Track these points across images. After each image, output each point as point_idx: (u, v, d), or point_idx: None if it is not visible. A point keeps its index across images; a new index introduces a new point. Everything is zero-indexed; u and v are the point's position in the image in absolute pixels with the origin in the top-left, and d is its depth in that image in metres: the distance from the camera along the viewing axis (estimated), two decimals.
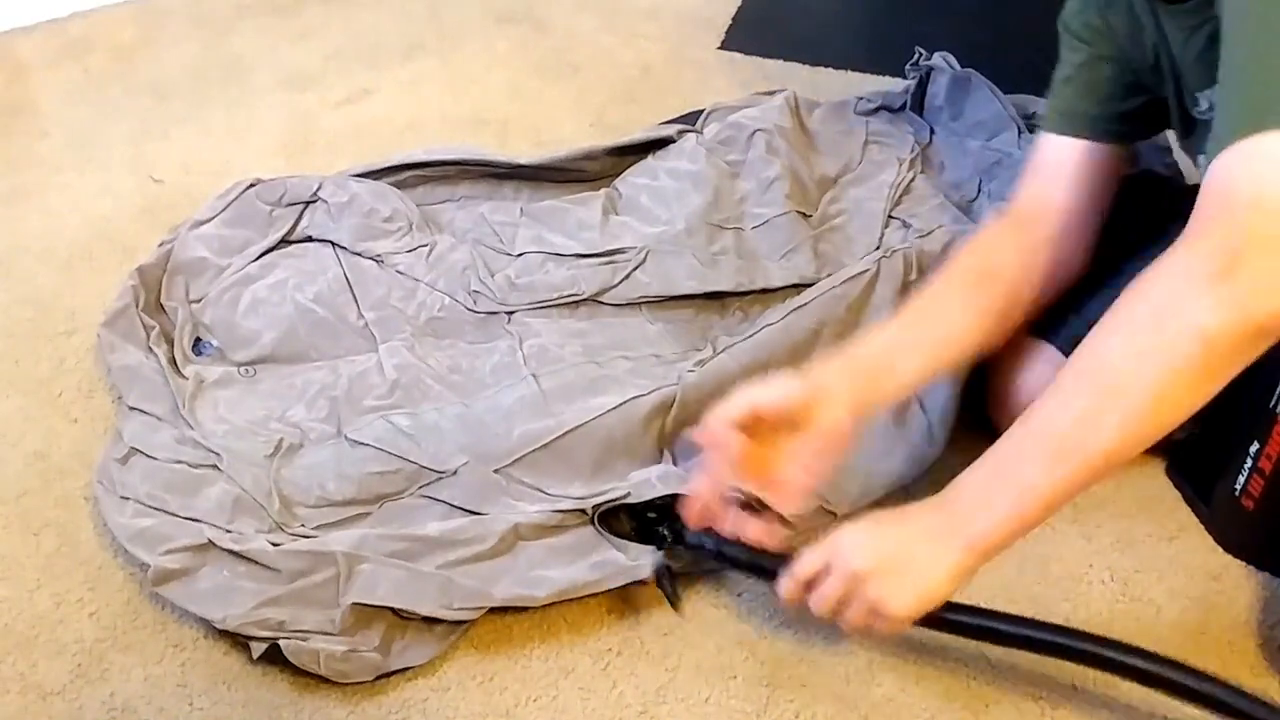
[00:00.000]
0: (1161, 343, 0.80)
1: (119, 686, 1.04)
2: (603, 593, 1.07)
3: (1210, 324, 0.78)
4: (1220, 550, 1.12)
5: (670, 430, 1.18)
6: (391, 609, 1.04)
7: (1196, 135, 1.07)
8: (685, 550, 1.06)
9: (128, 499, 1.14)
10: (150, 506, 1.13)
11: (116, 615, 1.10)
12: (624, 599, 1.09)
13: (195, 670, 1.05)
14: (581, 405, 1.20)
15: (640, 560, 1.07)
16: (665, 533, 1.07)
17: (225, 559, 1.07)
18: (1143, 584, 1.10)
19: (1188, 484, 1.17)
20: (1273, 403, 0.99)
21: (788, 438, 0.99)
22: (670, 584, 1.05)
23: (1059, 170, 1.16)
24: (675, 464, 1.16)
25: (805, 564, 0.94)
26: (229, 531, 1.10)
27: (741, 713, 1.01)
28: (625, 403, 1.17)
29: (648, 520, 1.09)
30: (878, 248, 1.38)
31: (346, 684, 1.02)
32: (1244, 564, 1.10)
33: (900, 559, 0.90)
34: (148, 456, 1.18)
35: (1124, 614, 1.08)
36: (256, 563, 1.06)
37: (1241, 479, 1.05)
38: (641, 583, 1.08)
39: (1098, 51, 1.14)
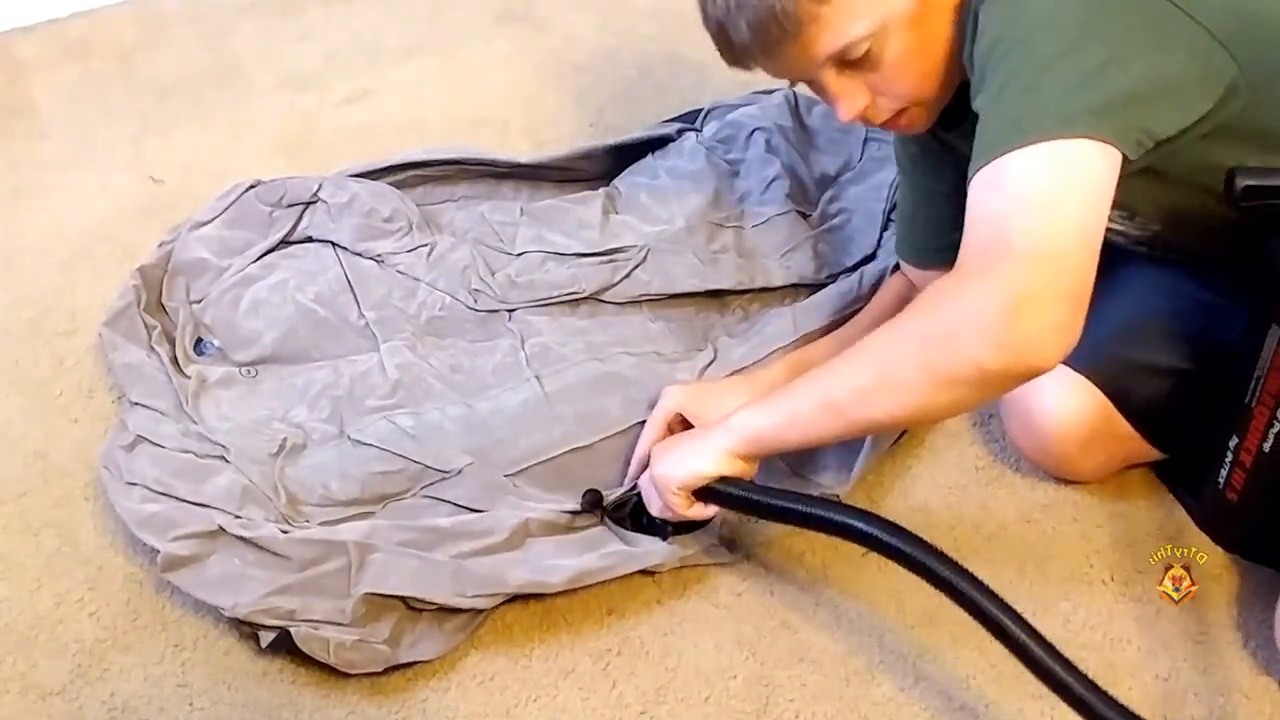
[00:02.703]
0: (943, 364, 0.88)
1: (119, 686, 1.04)
2: (606, 590, 1.08)
3: (988, 362, 0.86)
4: (1221, 551, 1.12)
5: None
6: (403, 601, 1.04)
7: None
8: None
9: (135, 484, 1.14)
10: (158, 492, 1.13)
11: (116, 615, 1.10)
12: (624, 599, 1.09)
13: (195, 670, 1.05)
14: (585, 407, 1.20)
15: (649, 550, 1.08)
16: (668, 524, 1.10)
17: (235, 546, 1.07)
18: (1143, 584, 1.10)
19: (1176, 480, 1.17)
20: (1247, 398, 1.00)
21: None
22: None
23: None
24: None
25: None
26: (239, 518, 1.10)
27: (741, 713, 1.01)
28: (631, 427, 1.18)
29: (650, 519, 1.11)
30: (876, 248, 1.38)
31: (349, 683, 1.03)
32: (1245, 566, 1.10)
33: (679, 448, 1.06)
34: (154, 444, 1.18)
35: (1124, 614, 1.08)
36: (267, 550, 1.07)
37: (1224, 473, 1.05)
38: (649, 574, 1.09)
39: (931, 185, 1.18)
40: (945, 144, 1.12)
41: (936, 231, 1.19)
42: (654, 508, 1.08)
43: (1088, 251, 0.86)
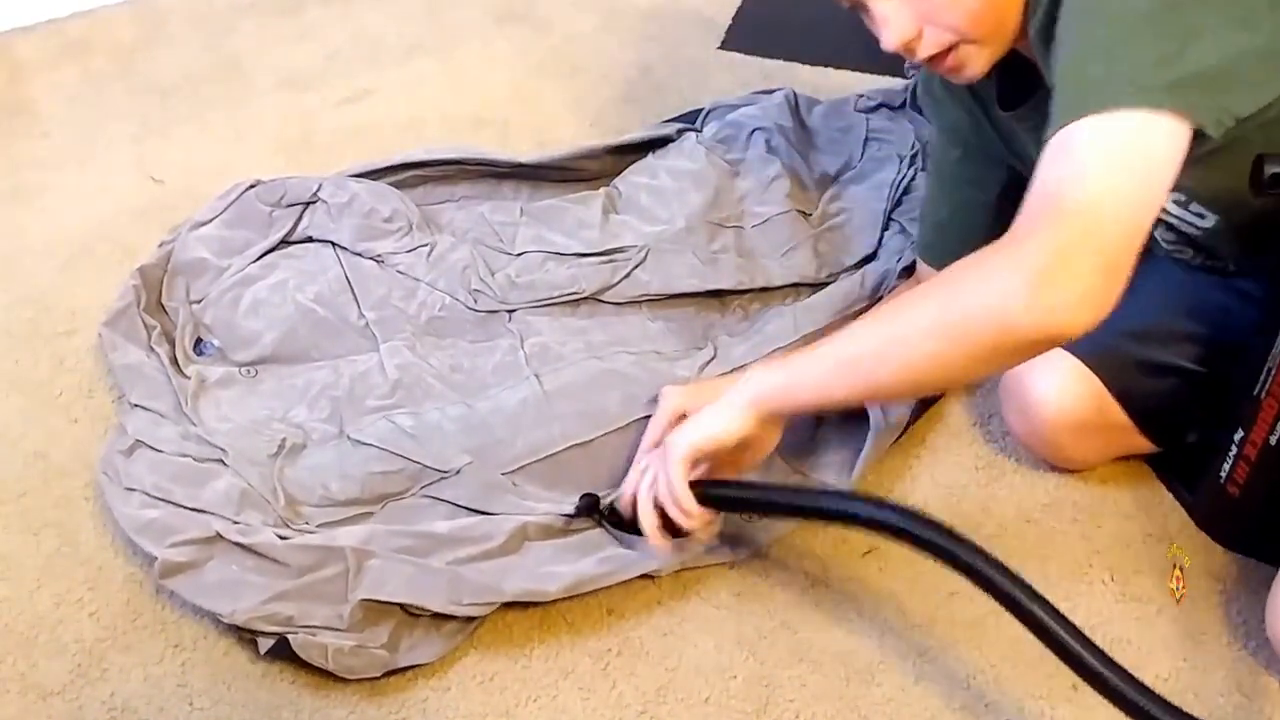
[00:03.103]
0: (966, 319, 0.85)
1: (119, 686, 1.04)
2: (606, 590, 1.08)
3: (1013, 319, 0.83)
4: (1222, 550, 1.12)
5: None
6: (400, 606, 1.04)
7: None
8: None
9: (133, 490, 1.14)
10: (156, 498, 1.13)
11: (116, 615, 1.10)
12: (624, 599, 1.09)
13: (195, 670, 1.05)
14: (584, 404, 1.20)
15: (647, 555, 1.08)
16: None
17: (233, 552, 1.07)
18: (1143, 584, 1.10)
19: (1173, 475, 1.17)
20: (1257, 390, 0.99)
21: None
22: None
23: None
24: None
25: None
26: (236, 524, 1.10)
27: (741, 713, 1.01)
28: (631, 424, 1.18)
29: None
30: (877, 248, 1.38)
31: (348, 683, 1.02)
32: (1245, 565, 1.10)
33: (693, 417, 1.03)
34: (153, 449, 1.18)
35: (1124, 614, 1.08)
36: (265, 556, 1.07)
37: (1226, 466, 1.05)
38: (648, 578, 1.09)
39: (971, 195, 1.17)
40: (1000, 129, 1.09)
41: (972, 242, 1.19)
42: (646, 516, 1.05)
43: (1137, 225, 0.83)
